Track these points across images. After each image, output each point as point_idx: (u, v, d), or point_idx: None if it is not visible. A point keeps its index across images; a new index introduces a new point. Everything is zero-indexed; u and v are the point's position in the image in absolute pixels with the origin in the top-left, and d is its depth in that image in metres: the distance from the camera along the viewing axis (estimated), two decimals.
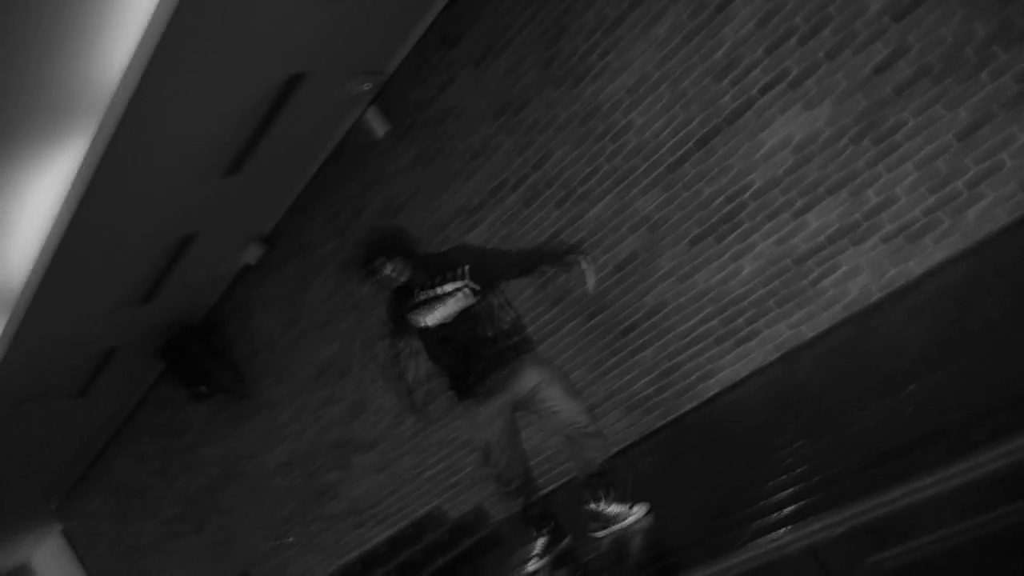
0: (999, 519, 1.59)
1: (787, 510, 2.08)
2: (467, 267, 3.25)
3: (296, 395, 6.74)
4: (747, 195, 4.15)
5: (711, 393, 4.53)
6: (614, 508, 3.18)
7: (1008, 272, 3.24)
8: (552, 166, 4.76)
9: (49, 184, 4.33)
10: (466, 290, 3.21)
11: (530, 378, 3.26)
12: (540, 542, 3.41)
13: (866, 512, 1.82)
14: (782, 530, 1.95)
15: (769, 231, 4.14)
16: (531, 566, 3.38)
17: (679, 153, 4.29)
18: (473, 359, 3.23)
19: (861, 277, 3.94)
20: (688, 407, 4.63)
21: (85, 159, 4.18)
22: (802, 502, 2.08)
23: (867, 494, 1.86)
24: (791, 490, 2.25)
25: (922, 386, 2.45)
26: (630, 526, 3.10)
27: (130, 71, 3.77)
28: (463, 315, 3.21)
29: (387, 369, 3.40)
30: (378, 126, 5.36)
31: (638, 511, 3.12)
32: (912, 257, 3.78)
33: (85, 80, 3.83)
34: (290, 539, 7.50)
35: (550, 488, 5.16)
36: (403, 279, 3.27)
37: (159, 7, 3.46)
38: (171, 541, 8.75)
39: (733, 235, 4.25)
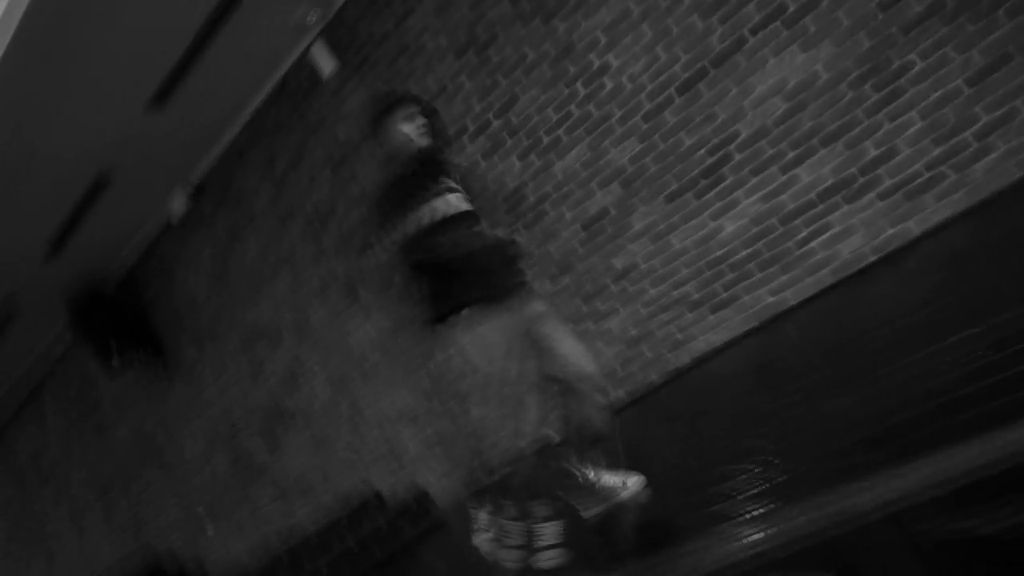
0: None
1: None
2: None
3: (221, 364, 6.13)
4: (732, 146, 3.78)
5: (682, 364, 4.16)
6: (607, 479, 2.65)
7: (1016, 235, 2.92)
8: (517, 112, 4.31)
9: None
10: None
11: (535, 307, 2.63)
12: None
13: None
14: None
15: (755, 187, 3.77)
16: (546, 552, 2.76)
17: (659, 99, 3.90)
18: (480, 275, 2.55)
19: (854, 238, 3.60)
20: (656, 379, 4.25)
21: None
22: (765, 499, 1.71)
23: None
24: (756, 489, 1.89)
25: (911, 361, 2.10)
26: (626, 501, 2.59)
27: None
28: (461, 220, 2.59)
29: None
30: (324, 64, 4.82)
31: (634, 484, 2.61)
32: (911, 216, 3.46)
33: None
34: (209, 531, 6.87)
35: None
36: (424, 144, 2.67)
37: None
38: (76, 522, 7.99)
39: (714, 191, 3.88)
